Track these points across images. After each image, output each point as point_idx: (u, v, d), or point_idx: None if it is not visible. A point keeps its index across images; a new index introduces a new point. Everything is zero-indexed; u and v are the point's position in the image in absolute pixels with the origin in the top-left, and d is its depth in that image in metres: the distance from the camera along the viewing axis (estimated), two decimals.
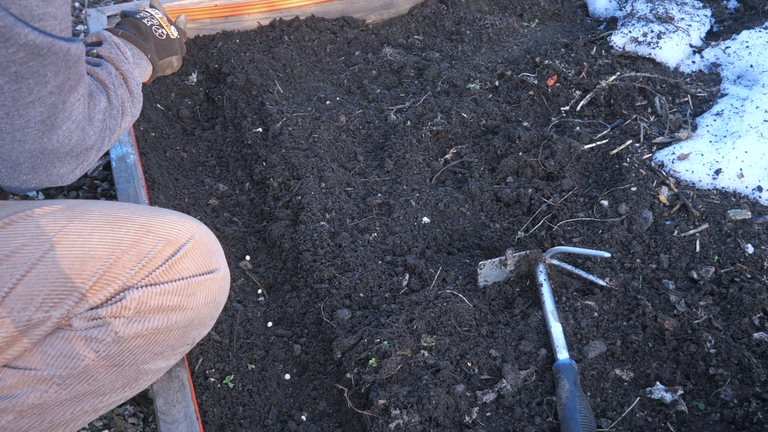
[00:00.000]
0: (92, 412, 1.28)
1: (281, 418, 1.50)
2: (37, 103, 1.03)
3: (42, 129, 1.06)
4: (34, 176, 1.12)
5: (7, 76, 0.99)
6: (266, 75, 2.37)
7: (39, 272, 1.13)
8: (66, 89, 1.07)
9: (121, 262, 1.19)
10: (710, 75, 2.20)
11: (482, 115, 2.16)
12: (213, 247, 1.32)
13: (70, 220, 1.18)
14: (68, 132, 1.11)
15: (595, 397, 1.43)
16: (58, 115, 1.07)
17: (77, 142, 1.14)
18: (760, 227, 1.65)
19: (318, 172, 1.97)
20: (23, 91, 1.01)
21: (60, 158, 1.12)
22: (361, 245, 1.77)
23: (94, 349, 1.20)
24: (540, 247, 1.77)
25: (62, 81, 1.05)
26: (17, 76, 0.99)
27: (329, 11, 2.67)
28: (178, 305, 1.26)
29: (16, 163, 1.08)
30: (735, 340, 1.47)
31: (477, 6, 2.77)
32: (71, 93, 1.09)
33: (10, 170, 1.09)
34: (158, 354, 1.29)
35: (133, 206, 1.28)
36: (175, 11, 2.46)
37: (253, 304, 1.72)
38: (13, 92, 1.00)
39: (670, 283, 1.59)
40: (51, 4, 1.00)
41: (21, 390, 1.18)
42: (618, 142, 1.95)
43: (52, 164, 1.12)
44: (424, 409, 1.36)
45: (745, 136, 1.84)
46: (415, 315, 1.55)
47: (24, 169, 1.10)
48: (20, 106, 1.02)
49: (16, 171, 1.10)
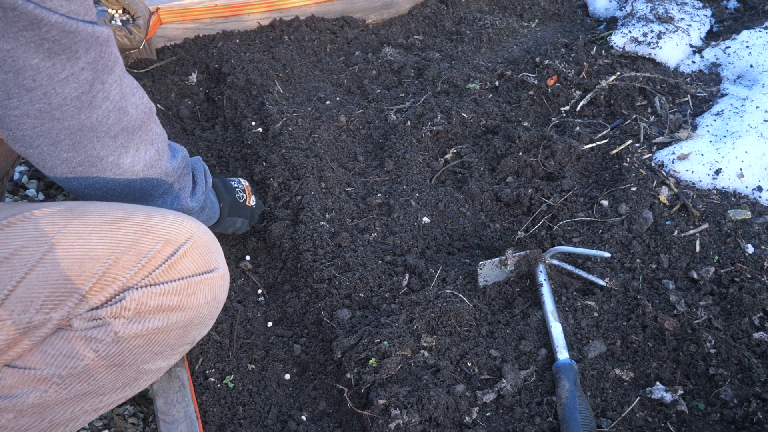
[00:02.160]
0: (92, 411, 1.28)
1: (281, 418, 1.50)
2: (71, 79, 1.09)
3: (78, 105, 1.11)
4: (75, 154, 1.17)
5: (41, 53, 1.05)
6: (266, 75, 2.37)
7: (38, 274, 1.13)
8: (100, 68, 1.12)
9: (120, 263, 1.19)
10: (710, 75, 2.20)
11: (482, 115, 2.16)
12: (212, 246, 1.32)
13: (68, 222, 1.18)
14: (106, 111, 1.16)
15: (595, 397, 1.43)
16: (95, 94, 1.13)
17: (114, 121, 1.18)
18: (760, 227, 1.65)
19: (318, 172, 1.97)
20: (57, 67, 1.07)
21: (99, 137, 1.17)
22: (361, 245, 1.77)
23: (93, 349, 1.20)
24: (540, 247, 1.77)
25: (94, 58, 1.11)
26: (50, 53, 1.05)
27: (329, 11, 2.67)
28: (178, 305, 1.26)
29: (57, 140, 1.14)
30: (735, 340, 1.47)
31: (477, 6, 2.77)
32: (108, 74, 1.14)
33: (51, 147, 1.15)
34: (158, 354, 1.29)
35: (132, 206, 1.28)
36: (175, 11, 2.46)
37: (253, 304, 1.72)
38: (48, 69, 1.06)
39: (670, 283, 1.59)
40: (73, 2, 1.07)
41: (21, 389, 1.19)
42: (618, 142, 1.95)
43: (92, 143, 1.17)
44: (424, 409, 1.36)
45: (745, 136, 1.84)
46: (415, 315, 1.55)
47: (64, 146, 1.15)
48: (56, 83, 1.07)
49: (57, 148, 1.15)
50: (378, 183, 2.01)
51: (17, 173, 2.27)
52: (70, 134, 1.14)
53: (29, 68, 1.05)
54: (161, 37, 2.49)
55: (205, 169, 1.55)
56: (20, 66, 1.04)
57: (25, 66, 1.04)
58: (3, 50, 1.02)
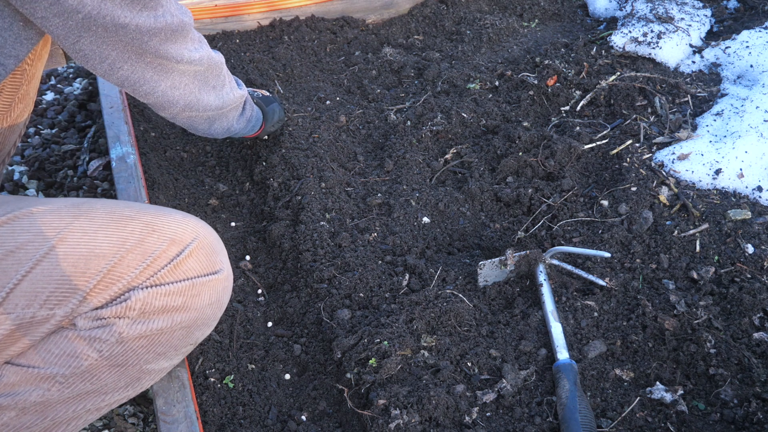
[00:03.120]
0: (94, 410, 1.28)
1: (281, 418, 1.50)
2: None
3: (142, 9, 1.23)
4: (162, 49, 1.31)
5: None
6: (266, 75, 2.37)
7: (43, 269, 1.13)
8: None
9: (125, 261, 1.19)
10: (710, 75, 2.20)
11: (482, 115, 2.16)
12: (217, 247, 1.32)
13: (75, 218, 1.18)
14: (168, 14, 1.28)
15: (595, 397, 1.43)
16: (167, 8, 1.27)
17: (178, 22, 1.31)
18: (760, 227, 1.65)
19: (318, 172, 1.97)
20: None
21: (168, 37, 1.30)
22: (361, 245, 1.77)
23: (97, 349, 1.20)
24: (540, 247, 1.77)
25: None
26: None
27: (329, 11, 2.67)
28: (182, 306, 1.26)
29: (144, 51, 1.28)
30: (735, 340, 1.47)
31: (477, 6, 2.77)
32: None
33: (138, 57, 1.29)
34: (161, 354, 1.29)
35: (138, 205, 1.28)
36: None
37: (253, 304, 1.72)
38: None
39: (670, 283, 1.59)
40: None
41: (23, 388, 1.19)
42: (618, 142, 1.95)
43: (163, 43, 1.30)
44: (424, 409, 1.36)
45: (745, 136, 1.84)
46: (415, 315, 1.55)
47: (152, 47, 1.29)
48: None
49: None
50: (378, 183, 2.01)
51: (17, 173, 2.27)
52: (140, 36, 1.27)
53: None
54: None
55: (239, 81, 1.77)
56: None
57: None
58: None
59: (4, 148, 1.51)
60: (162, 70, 1.36)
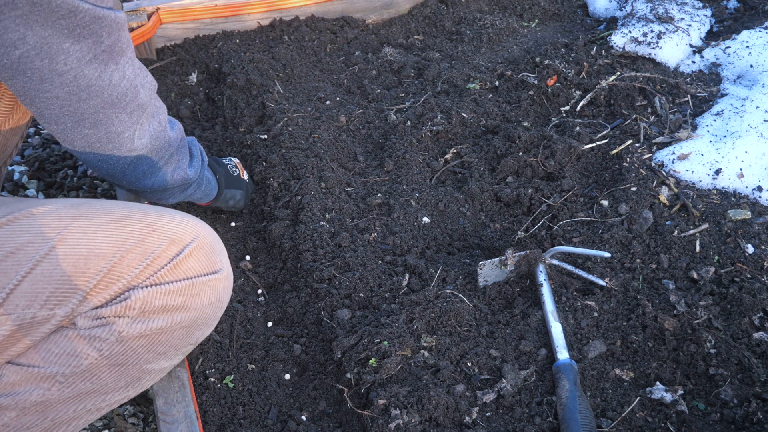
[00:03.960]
0: (95, 410, 1.28)
1: (281, 418, 1.50)
2: (95, 61, 1.20)
3: (101, 85, 1.23)
4: (95, 131, 1.28)
5: (72, 38, 1.16)
6: (266, 75, 2.37)
7: (44, 270, 1.13)
8: (117, 50, 1.24)
9: (125, 261, 1.19)
10: (710, 75, 2.20)
11: (482, 115, 2.16)
12: (217, 246, 1.33)
13: (74, 218, 1.18)
14: (124, 89, 1.27)
15: (595, 397, 1.43)
16: (112, 74, 1.24)
17: (131, 98, 1.29)
18: (760, 227, 1.65)
19: (318, 172, 1.97)
20: (84, 50, 1.18)
21: (117, 114, 1.28)
22: (361, 245, 1.77)
23: (97, 349, 1.20)
24: (540, 247, 1.77)
25: (114, 41, 1.22)
26: (80, 37, 1.17)
27: (329, 11, 2.67)
28: (182, 305, 1.26)
29: (81, 118, 1.25)
30: (735, 340, 1.47)
31: (477, 6, 2.77)
32: (122, 55, 1.26)
33: (75, 124, 1.25)
34: (161, 354, 1.29)
35: (137, 205, 1.29)
36: (175, 11, 2.46)
37: (253, 304, 1.72)
38: (77, 52, 1.17)
39: (670, 283, 1.59)
40: None
41: (23, 387, 1.19)
42: (618, 142, 1.95)
43: (111, 120, 1.28)
44: (424, 409, 1.36)
45: (745, 136, 1.84)
46: (415, 315, 1.55)
47: (87, 123, 1.26)
48: (83, 65, 1.19)
49: (80, 125, 1.26)
50: (378, 183, 2.01)
51: (17, 173, 2.27)
52: (93, 113, 1.25)
53: (62, 52, 1.15)
54: (161, 37, 2.49)
55: (200, 147, 1.65)
56: (54, 51, 1.15)
57: (58, 51, 1.15)
58: (42, 37, 1.12)
59: (5, 150, 1.51)
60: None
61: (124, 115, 1.29)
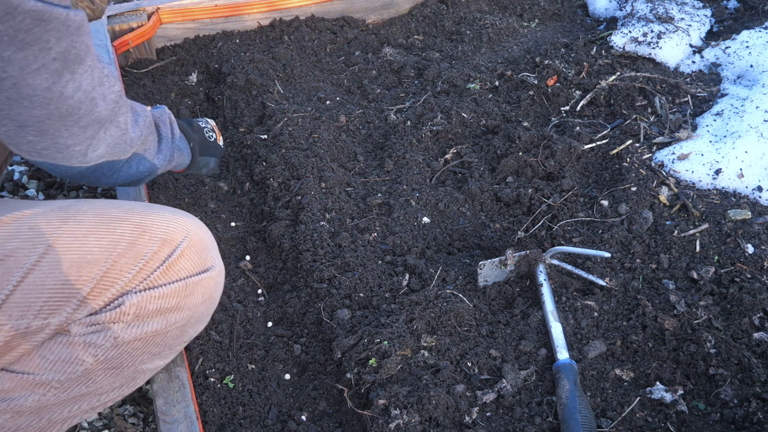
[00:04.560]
0: (90, 410, 1.28)
1: (281, 418, 1.50)
2: (42, 71, 1.04)
3: (48, 97, 1.07)
4: (41, 139, 1.11)
5: (14, 46, 1.00)
6: (266, 75, 2.37)
7: (36, 278, 1.12)
8: (71, 58, 1.07)
9: (118, 266, 1.18)
10: (710, 75, 2.20)
11: (482, 115, 2.16)
12: (207, 243, 1.31)
13: (63, 221, 1.16)
14: (77, 102, 1.10)
15: (595, 397, 1.43)
16: (65, 85, 1.08)
17: (85, 112, 1.13)
18: (760, 227, 1.65)
19: (318, 172, 1.97)
20: (29, 59, 1.02)
21: (68, 127, 1.11)
22: (361, 245, 1.77)
23: (92, 354, 1.20)
24: (540, 247, 1.77)
25: (66, 48, 1.06)
26: (23, 44, 1.01)
27: (329, 11, 2.67)
28: (176, 306, 1.26)
29: (24, 125, 1.09)
30: (735, 340, 1.47)
31: (477, 6, 2.77)
32: (78, 64, 1.09)
33: (17, 129, 1.09)
34: (156, 354, 1.29)
35: (126, 203, 1.27)
36: (175, 11, 2.46)
37: (253, 304, 1.72)
38: (19, 61, 1.01)
39: (670, 283, 1.59)
40: None
41: (18, 393, 1.18)
42: (618, 142, 1.95)
43: (60, 132, 1.11)
44: (424, 409, 1.36)
45: (745, 136, 1.84)
46: (415, 315, 1.55)
47: (31, 131, 1.09)
48: (26, 74, 1.03)
49: (23, 131, 1.09)
50: (378, 183, 2.01)
51: (17, 173, 2.27)
52: (37, 122, 1.09)
53: (0, 60, 1.00)
54: (161, 37, 2.49)
55: (171, 118, 1.49)
56: None
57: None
58: None
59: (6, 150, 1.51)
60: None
61: (75, 128, 1.13)
